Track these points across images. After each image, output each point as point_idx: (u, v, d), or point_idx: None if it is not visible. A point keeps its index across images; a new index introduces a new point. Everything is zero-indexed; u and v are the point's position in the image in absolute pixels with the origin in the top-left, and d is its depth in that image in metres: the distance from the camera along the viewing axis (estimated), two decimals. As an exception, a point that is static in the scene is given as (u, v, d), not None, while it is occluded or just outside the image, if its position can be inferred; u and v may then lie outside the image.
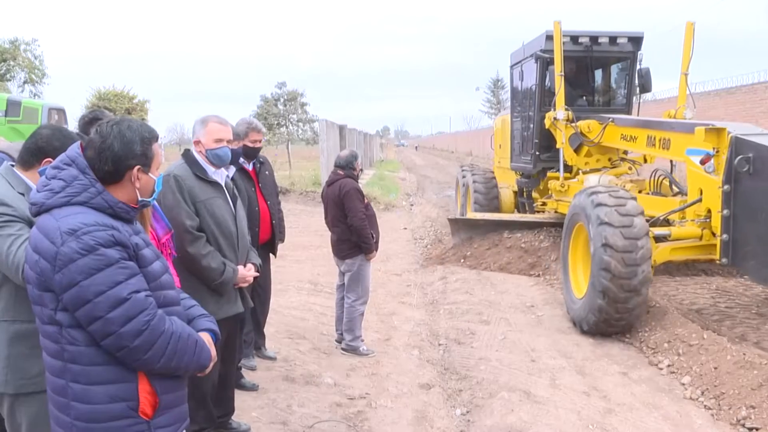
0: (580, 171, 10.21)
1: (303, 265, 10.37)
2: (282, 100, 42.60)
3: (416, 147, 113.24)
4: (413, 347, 6.67)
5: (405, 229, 15.01)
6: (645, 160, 10.34)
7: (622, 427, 4.89)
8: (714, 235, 6.67)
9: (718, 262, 6.54)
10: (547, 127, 10.35)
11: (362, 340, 6.41)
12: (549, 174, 11.04)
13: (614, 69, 11.22)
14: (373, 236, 6.27)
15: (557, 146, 10.29)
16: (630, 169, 10.31)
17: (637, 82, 10.60)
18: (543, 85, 10.75)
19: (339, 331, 6.55)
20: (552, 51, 9.89)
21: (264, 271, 5.72)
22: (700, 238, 6.94)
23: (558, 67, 9.78)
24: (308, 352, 6.31)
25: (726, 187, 6.24)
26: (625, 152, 10.43)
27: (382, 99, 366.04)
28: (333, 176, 6.41)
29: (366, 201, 6.33)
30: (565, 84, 9.94)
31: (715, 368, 5.57)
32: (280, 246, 6.15)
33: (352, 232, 6.19)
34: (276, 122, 41.93)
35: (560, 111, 9.92)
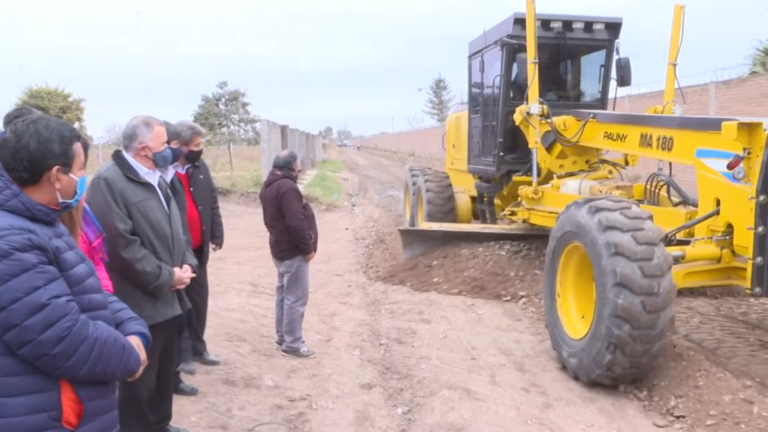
0: (554, 175, 8.89)
1: (243, 266, 10.25)
2: (223, 99, 42.18)
3: (359, 147, 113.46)
4: (354, 347, 6.66)
5: (347, 229, 14.99)
6: (626, 163, 9.13)
7: (559, 421, 4.98)
8: (735, 255, 5.64)
9: (748, 290, 5.34)
10: (517, 123, 9.03)
11: (303, 342, 6.37)
12: (515, 178, 9.63)
13: (588, 59, 10.00)
14: (311, 237, 6.24)
15: (530, 146, 8.94)
16: (610, 173, 8.96)
17: (614, 74, 9.51)
18: (509, 76, 9.46)
19: (279, 332, 6.49)
20: (520, 37, 8.74)
21: (199, 275, 5.64)
22: (719, 259, 5.75)
23: (531, 54, 8.49)
24: (248, 354, 6.23)
25: (762, 197, 5.06)
26: (602, 153, 9.27)
27: (325, 99, 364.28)
28: (271, 177, 6.37)
29: (304, 201, 6.30)
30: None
31: (649, 362, 5.72)
32: (219, 247, 6.08)
33: (290, 232, 6.15)
34: (217, 122, 41.49)
35: (534, 105, 8.59)
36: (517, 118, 8.95)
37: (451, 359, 6.29)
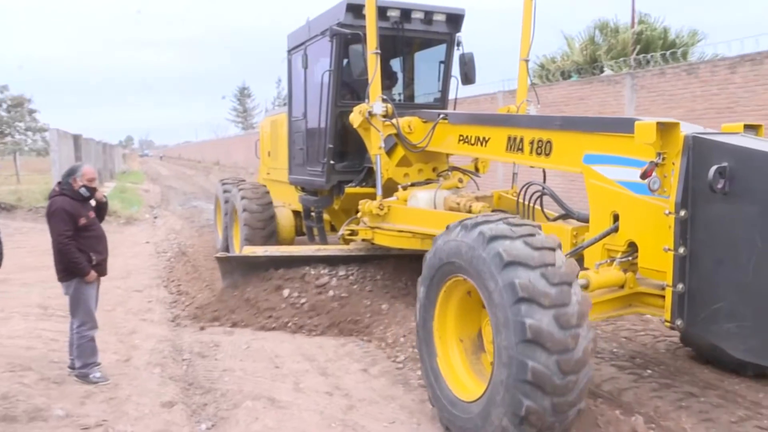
0: (398, 186, 7.66)
1: (31, 288, 9.48)
2: (5, 105, 38.78)
3: (161, 157, 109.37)
4: (155, 365, 6.40)
5: (147, 242, 14.39)
6: (477, 169, 8.11)
7: (362, 421, 5.11)
8: (637, 276, 4.90)
9: (667, 324, 4.43)
10: (355, 126, 7.68)
11: (96, 366, 5.98)
12: (348, 189, 8.36)
13: (426, 54, 9.02)
14: (91, 258, 5.83)
15: (372, 152, 7.60)
16: (460, 181, 7.71)
17: (458, 70, 8.65)
18: (340, 72, 8.20)
19: (72, 356, 6.08)
20: (353, 26, 7.68)
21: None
22: (623, 285, 4.89)
23: (372, 43, 7.17)
24: (35, 384, 5.76)
25: (683, 213, 4.20)
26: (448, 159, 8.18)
27: (125, 107, 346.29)
28: (52, 192, 5.96)
29: (83, 221, 5.81)
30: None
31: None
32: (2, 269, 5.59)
33: (57, 254, 5.78)
34: (-1, 130, 38.12)
35: (377, 103, 7.31)
36: (356, 119, 7.62)
37: (254, 369, 6.26)
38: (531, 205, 6.26)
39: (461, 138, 6.78)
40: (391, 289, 7.98)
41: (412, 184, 7.66)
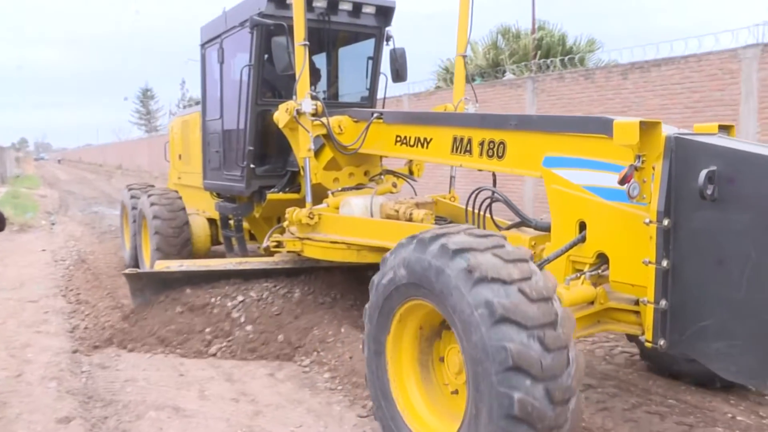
0: (328, 192, 7.00)
1: None
2: None
3: (59, 160, 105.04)
4: (51, 379, 6.11)
5: (44, 251, 13.75)
6: (411, 172, 7.68)
7: (269, 426, 5.06)
8: (607, 291, 4.45)
9: (648, 343, 3.96)
10: (281, 126, 6.95)
11: (-19, 383, 5.65)
12: (270, 196, 7.68)
13: (353, 49, 8.50)
14: None
15: (301, 155, 6.85)
16: (394, 186, 7.33)
17: (387, 67, 8.19)
18: (261, 67, 7.52)
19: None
20: (276, 16, 7.06)
21: None
22: (593, 301, 4.40)
23: (300, 34, 6.49)
24: None
25: (666, 222, 3.76)
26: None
27: (20, 107, 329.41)
28: None
29: None
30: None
31: (350, 358, 6.05)
32: None
33: None
34: None
35: (306, 100, 6.63)
36: (282, 118, 6.86)
37: (158, 378, 6.09)
38: (481, 212, 5.66)
39: (398, 139, 6.27)
40: (312, 303, 7.31)
41: (343, 190, 7.06)
